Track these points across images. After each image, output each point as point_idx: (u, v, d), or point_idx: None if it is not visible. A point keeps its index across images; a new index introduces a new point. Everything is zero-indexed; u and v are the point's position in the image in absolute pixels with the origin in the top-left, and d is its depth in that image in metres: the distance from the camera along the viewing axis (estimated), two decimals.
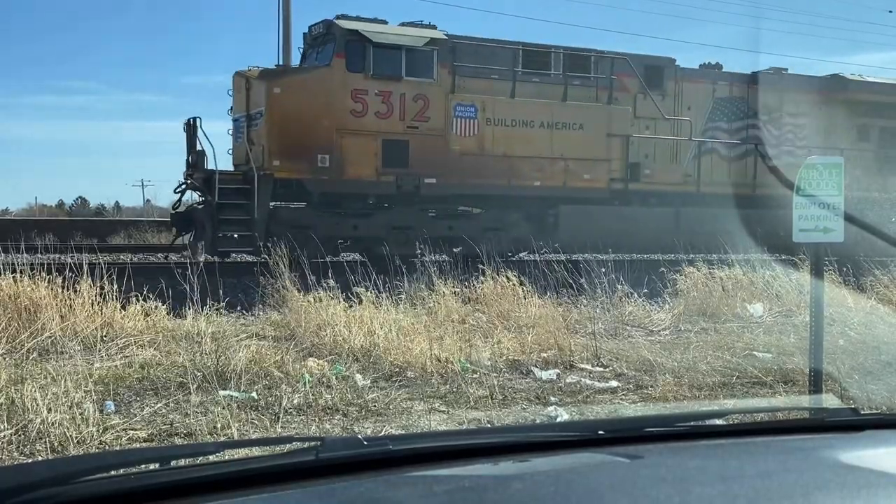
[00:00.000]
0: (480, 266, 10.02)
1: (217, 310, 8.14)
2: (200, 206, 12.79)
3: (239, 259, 13.00)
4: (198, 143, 12.67)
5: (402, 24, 13.49)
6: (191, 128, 12.87)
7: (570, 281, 9.71)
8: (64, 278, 7.73)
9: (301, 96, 12.39)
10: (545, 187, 13.74)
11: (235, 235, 12.40)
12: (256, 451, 1.94)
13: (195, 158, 12.73)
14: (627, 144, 14.32)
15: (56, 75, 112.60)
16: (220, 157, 13.15)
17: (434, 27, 13.42)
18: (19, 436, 4.52)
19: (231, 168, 13.33)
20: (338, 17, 12.86)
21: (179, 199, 13.60)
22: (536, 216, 13.86)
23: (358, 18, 12.95)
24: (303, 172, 12.41)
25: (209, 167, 12.55)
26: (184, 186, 13.18)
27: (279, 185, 12.43)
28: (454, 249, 12.43)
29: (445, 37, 13.16)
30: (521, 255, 12.92)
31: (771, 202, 13.69)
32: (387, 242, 11.27)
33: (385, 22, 13.27)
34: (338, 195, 12.78)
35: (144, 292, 8.05)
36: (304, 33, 13.94)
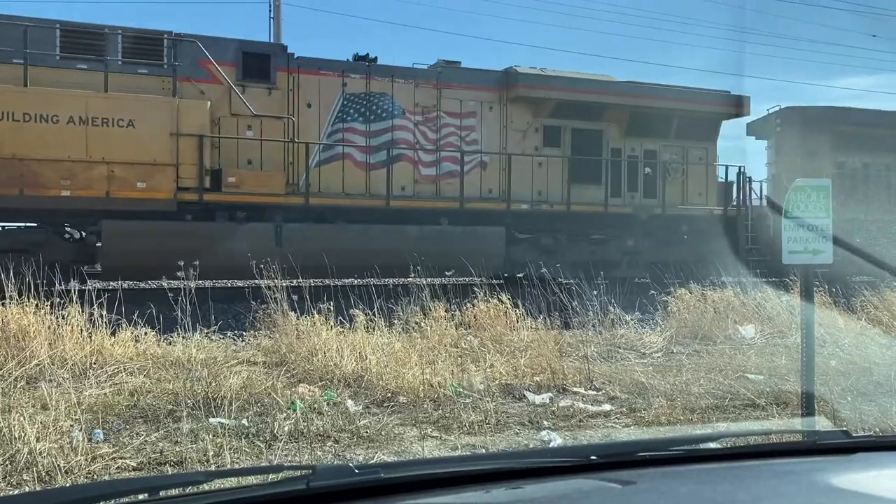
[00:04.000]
0: (474, 290, 10.01)
1: (208, 336, 8.09)
2: None
3: (230, 284, 12.95)
4: None
5: None
6: None
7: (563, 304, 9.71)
8: (52, 304, 7.66)
9: None
10: (78, 198, 10.99)
11: None
12: (247, 480, 1.92)
13: None
14: (202, 146, 11.59)
15: None
16: None
17: None
18: (6, 466, 4.45)
19: None
20: None
21: None
22: (69, 234, 11.72)
23: None
24: None
25: None
26: None
27: None
28: None
29: None
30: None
31: (413, 217, 12.78)
32: None
33: None
34: None
35: (134, 318, 7.99)
36: None
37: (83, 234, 11.84)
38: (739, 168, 15.96)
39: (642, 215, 14.81)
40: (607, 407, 6.42)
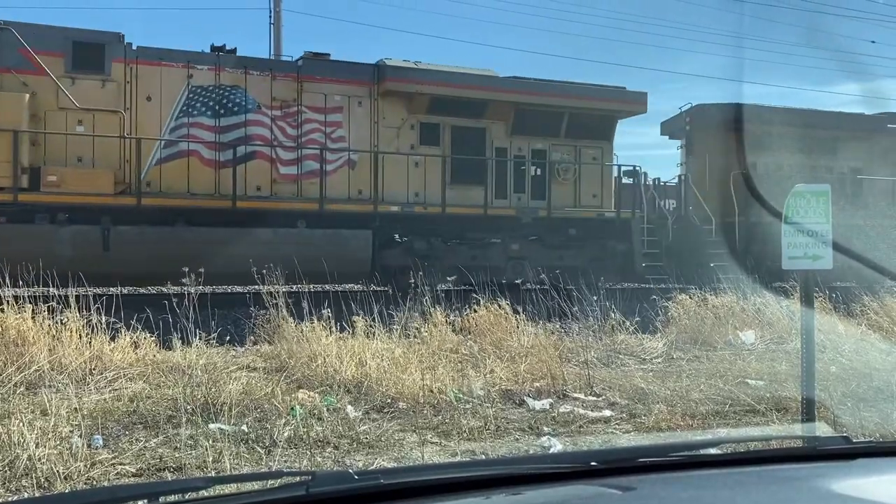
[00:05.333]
0: (474, 295, 9.99)
1: (207, 341, 8.09)
2: None
3: (230, 290, 12.93)
4: None
5: None
6: None
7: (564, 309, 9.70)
8: (52, 310, 7.66)
9: None
10: None
11: None
12: (247, 486, 1.92)
13: None
14: (17, 142, 10.68)
15: None
16: None
17: None
18: (6, 471, 4.44)
19: None
20: None
21: None
22: None
23: None
24: None
25: None
26: None
27: None
28: None
29: None
30: None
31: (266, 219, 11.85)
32: None
33: None
34: None
35: (133, 323, 7.98)
36: None
37: None
38: (634, 168, 15.19)
39: (526, 218, 13.84)
40: (607, 413, 6.41)
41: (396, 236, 13.07)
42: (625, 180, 15.20)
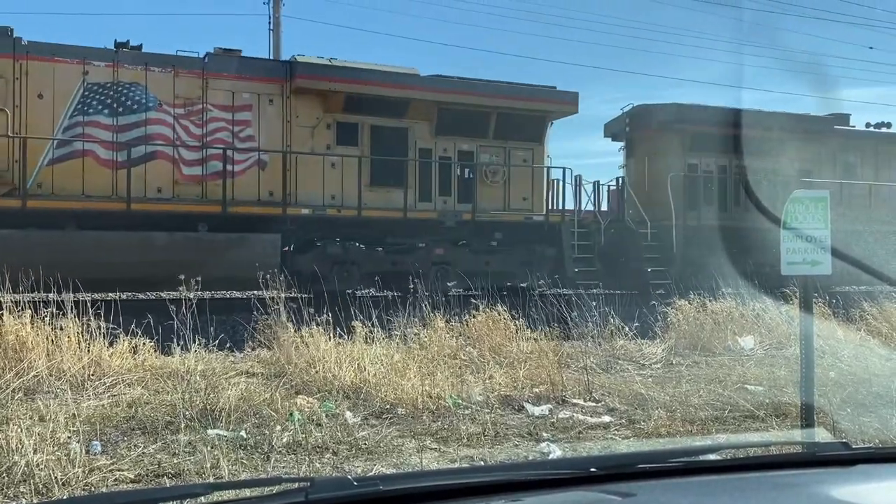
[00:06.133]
0: (473, 301, 9.98)
1: (206, 347, 8.08)
2: None
3: (229, 295, 12.91)
4: None
5: None
6: None
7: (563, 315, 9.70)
8: (51, 315, 7.65)
9: None
10: None
11: None
12: (245, 493, 1.91)
13: None
14: None
15: None
16: None
17: None
18: (3, 478, 4.43)
19: None
20: None
21: None
22: None
23: None
24: None
25: None
26: None
27: None
28: None
29: None
30: None
31: (165, 222, 11.20)
32: None
33: None
34: None
35: (132, 328, 7.97)
36: None
37: None
38: (564, 170, 14.70)
39: (449, 221, 13.29)
40: (607, 419, 6.40)
41: (312, 240, 12.57)
42: (569, 182, 14.59)
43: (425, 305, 9.24)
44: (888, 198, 16.92)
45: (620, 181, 16.00)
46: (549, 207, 14.23)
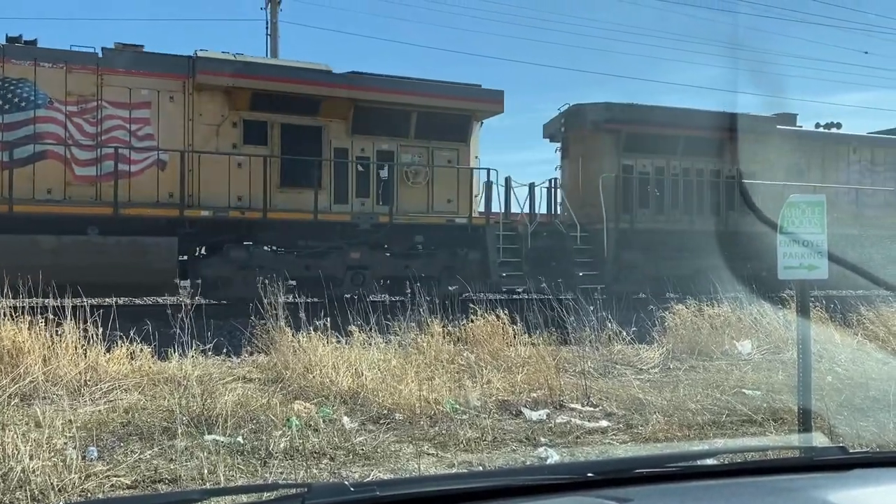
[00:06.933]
0: (471, 305, 9.96)
1: (203, 352, 8.06)
2: None
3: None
4: None
5: None
6: None
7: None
8: (47, 321, 7.63)
9: None
10: None
11: None
12: (242, 499, 1.91)
13: None
14: None
15: None
16: None
17: None
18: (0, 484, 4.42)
19: None
20: None
21: None
22: None
23: None
24: None
25: None
26: None
27: None
28: None
29: None
30: None
31: (52, 225, 10.69)
32: None
33: None
34: None
35: (130, 334, 7.96)
36: None
37: None
38: (488, 172, 14.10)
39: (363, 224, 12.79)
40: (604, 423, 6.40)
41: (218, 244, 12.12)
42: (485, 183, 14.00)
43: (422, 311, 9.24)
44: (834, 201, 16.81)
45: (552, 182, 15.74)
46: (475, 210, 13.74)
